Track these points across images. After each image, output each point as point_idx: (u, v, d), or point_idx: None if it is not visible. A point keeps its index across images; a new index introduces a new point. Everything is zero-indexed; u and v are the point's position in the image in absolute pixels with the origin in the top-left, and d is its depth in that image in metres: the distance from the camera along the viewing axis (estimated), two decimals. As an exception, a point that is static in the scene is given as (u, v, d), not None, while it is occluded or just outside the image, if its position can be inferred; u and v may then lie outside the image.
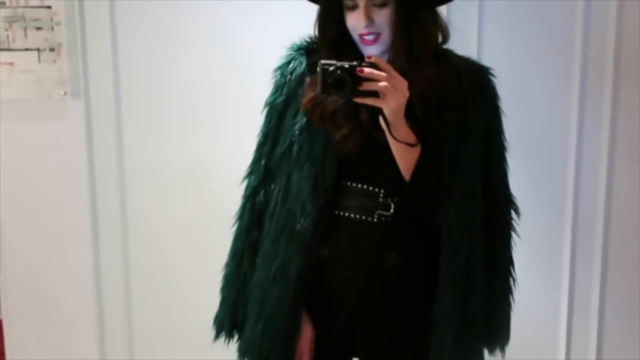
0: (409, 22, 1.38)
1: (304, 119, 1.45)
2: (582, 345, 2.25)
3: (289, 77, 1.50)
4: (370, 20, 1.38)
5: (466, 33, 2.06)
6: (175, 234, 2.27)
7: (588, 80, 2.11)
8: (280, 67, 1.53)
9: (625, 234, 2.18)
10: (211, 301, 1.63)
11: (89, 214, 2.26)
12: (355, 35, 1.42)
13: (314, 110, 1.43)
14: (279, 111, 1.51)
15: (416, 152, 1.38)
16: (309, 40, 1.53)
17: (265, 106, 1.54)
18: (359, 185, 1.44)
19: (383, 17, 1.38)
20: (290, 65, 1.51)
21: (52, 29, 2.15)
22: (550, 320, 2.24)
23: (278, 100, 1.51)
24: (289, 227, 1.44)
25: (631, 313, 2.22)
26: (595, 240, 2.19)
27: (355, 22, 1.40)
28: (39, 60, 2.16)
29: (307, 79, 1.47)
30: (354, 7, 1.39)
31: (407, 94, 1.33)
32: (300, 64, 1.50)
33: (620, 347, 2.24)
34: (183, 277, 2.29)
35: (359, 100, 1.32)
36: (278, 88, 1.52)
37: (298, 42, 1.54)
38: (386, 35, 1.40)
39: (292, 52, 1.53)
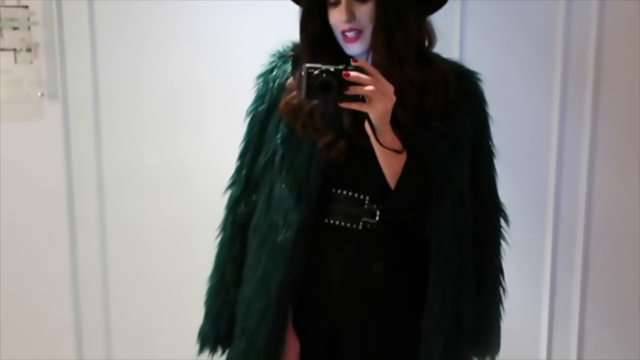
0: (388, 18, 1.36)
1: (287, 128, 1.43)
2: (563, 349, 2.26)
3: (271, 84, 1.48)
4: (351, 14, 1.36)
5: (448, 36, 2.06)
6: (155, 238, 2.25)
7: (569, 83, 2.12)
8: (262, 75, 1.51)
9: (605, 238, 2.20)
10: (192, 307, 1.61)
11: (67, 217, 2.23)
12: (337, 33, 1.40)
13: (295, 117, 1.41)
14: (261, 120, 1.49)
15: (402, 159, 1.37)
16: (291, 46, 1.51)
17: (247, 114, 1.52)
18: (345, 192, 1.43)
19: (365, 12, 1.36)
20: (273, 73, 1.49)
21: (29, 29, 2.12)
22: (532, 324, 2.24)
23: (260, 109, 1.49)
24: (270, 239, 1.42)
25: (612, 317, 2.23)
26: (576, 244, 2.20)
27: (337, 17, 1.38)
28: (16, 61, 2.12)
29: (288, 83, 1.45)
30: (337, 3, 1.38)
31: (393, 98, 1.31)
32: (283, 72, 1.48)
33: (601, 351, 2.25)
34: (163, 282, 2.27)
35: (344, 105, 1.30)
36: (260, 96, 1.50)
37: (281, 49, 1.52)
38: (368, 33, 1.38)
39: (275, 60, 1.51)
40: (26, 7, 2.10)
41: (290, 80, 1.46)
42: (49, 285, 2.26)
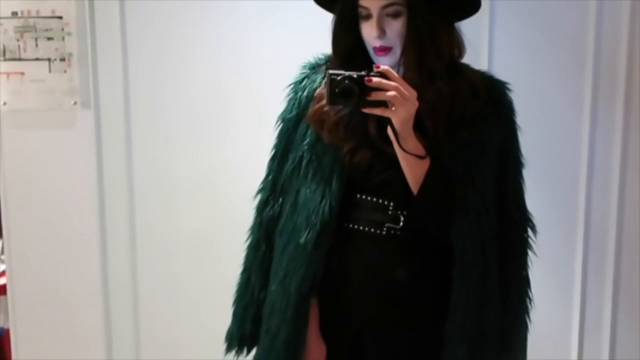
0: (420, 34, 1.37)
1: (314, 135, 1.45)
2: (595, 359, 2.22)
3: (300, 93, 1.51)
4: (382, 31, 1.37)
5: (477, 45, 2.05)
6: (183, 244, 2.27)
7: (600, 91, 2.10)
8: (293, 84, 1.54)
9: (637, 248, 2.15)
10: (219, 312, 1.62)
11: (98, 223, 2.26)
12: (369, 46, 1.41)
13: (321, 124, 1.43)
14: (290, 127, 1.52)
15: (425, 165, 1.37)
16: (322, 57, 1.53)
17: (277, 122, 1.55)
18: (369, 198, 1.43)
19: (395, 28, 1.37)
20: (303, 83, 1.51)
21: (63, 39, 2.16)
22: (562, 336, 2.21)
23: (289, 117, 1.52)
24: (293, 241, 1.44)
25: (644, 329, 2.19)
26: (607, 255, 2.16)
27: (368, 32, 1.39)
28: (50, 70, 2.16)
29: (316, 93, 1.47)
30: (368, 17, 1.39)
31: (416, 104, 1.31)
32: (313, 82, 1.50)
33: (633, 361, 2.21)
34: (191, 288, 2.28)
35: (367, 110, 1.31)
36: (289, 104, 1.53)
37: (312, 61, 1.55)
38: (398, 49, 1.39)
39: (306, 71, 1.54)
40: (60, 17, 2.15)
41: (318, 89, 1.47)
42: (80, 290, 2.29)
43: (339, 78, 1.28)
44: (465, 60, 1.49)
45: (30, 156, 2.24)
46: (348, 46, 1.43)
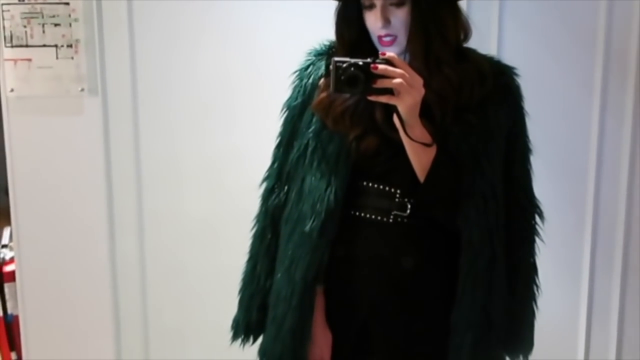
0: (425, 22, 1.35)
1: (319, 122, 1.44)
2: (602, 348, 2.21)
3: (305, 81, 1.50)
4: (386, 21, 1.35)
5: (486, 31, 2.04)
6: (191, 231, 2.27)
7: (610, 77, 2.08)
8: (298, 71, 1.53)
9: (646, 237, 2.15)
10: (226, 300, 1.63)
11: (106, 210, 2.26)
12: (374, 36, 1.40)
13: (326, 112, 1.42)
14: (295, 115, 1.51)
15: (431, 152, 1.36)
16: (327, 44, 1.52)
17: (282, 110, 1.55)
18: (375, 185, 1.43)
19: (400, 17, 1.35)
20: (308, 70, 1.50)
21: (70, 25, 2.15)
22: (570, 323, 2.20)
23: (294, 104, 1.52)
24: (299, 229, 1.44)
25: (652, 317, 2.19)
26: (616, 242, 2.15)
27: (373, 22, 1.38)
28: (57, 57, 2.16)
29: (321, 82, 1.46)
30: (371, 6, 1.37)
31: (422, 91, 1.30)
32: (318, 69, 1.49)
33: (640, 351, 2.21)
34: (200, 274, 2.29)
35: (372, 98, 1.29)
36: (295, 92, 1.52)
37: (318, 48, 1.53)
38: (403, 38, 1.37)
39: (312, 57, 1.52)
40: (67, 4, 2.14)
41: (322, 79, 1.46)
42: (88, 277, 2.30)
43: (344, 65, 1.27)
44: (474, 45, 1.48)
45: (37, 143, 2.24)
46: (352, 37, 1.42)
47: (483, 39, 1.97)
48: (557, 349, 2.20)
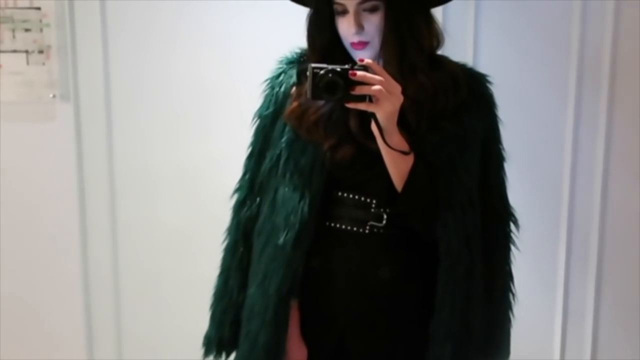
0: (399, 28, 1.35)
1: (292, 132, 1.42)
2: (577, 353, 2.22)
3: (277, 89, 1.48)
4: (360, 27, 1.34)
5: (462, 39, 2.04)
6: (165, 240, 2.25)
7: (584, 85, 2.09)
8: (270, 79, 1.51)
9: (620, 243, 2.16)
10: (203, 308, 1.60)
11: (78, 219, 2.23)
12: (346, 42, 1.39)
13: (299, 121, 1.40)
14: (267, 124, 1.49)
15: (409, 160, 1.34)
16: (299, 52, 1.50)
17: (254, 119, 1.52)
18: (351, 196, 1.41)
19: (374, 23, 1.34)
20: (280, 78, 1.48)
21: (42, 30, 2.12)
22: (545, 329, 2.21)
23: (265, 113, 1.49)
24: (272, 242, 1.41)
25: (626, 323, 2.20)
26: (590, 249, 2.17)
27: (346, 28, 1.36)
28: (28, 62, 2.13)
29: (293, 90, 1.44)
30: (344, 12, 1.36)
31: (401, 98, 1.29)
32: (290, 78, 1.47)
33: (615, 356, 2.21)
34: (173, 283, 2.27)
35: (351, 105, 1.28)
36: (266, 101, 1.50)
37: (289, 55, 1.51)
38: (376, 43, 1.36)
39: (283, 65, 1.50)
40: (38, 8, 2.11)
41: (294, 88, 1.45)
42: (60, 286, 2.27)
43: (321, 72, 1.25)
44: (451, 52, 1.48)
45: (8, 150, 2.21)
46: (324, 43, 1.41)
47: (459, 47, 1.99)
48: (533, 355, 2.21)
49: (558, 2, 2.06)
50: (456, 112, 1.39)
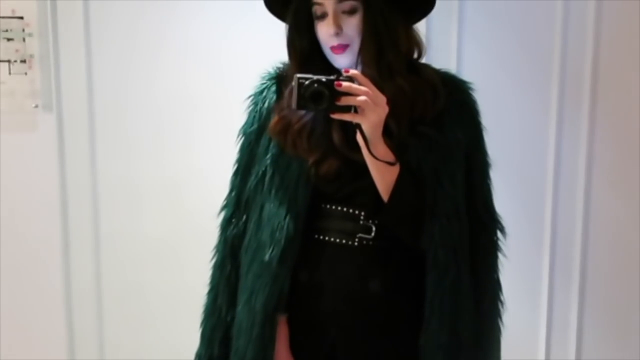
0: (378, 29, 1.35)
1: (277, 148, 1.42)
2: (562, 357, 2.23)
3: (260, 105, 1.48)
4: (339, 27, 1.34)
5: (445, 49, 2.05)
6: (149, 252, 2.23)
7: (566, 93, 2.11)
8: (253, 96, 1.51)
9: (603, 249, 2.18)
10: (186, 320, 1.60)
11: (60, 230, 2.22)
12: (325, 47, 1.39)
13: (284, 135, 1.40)
14: (252, 140, 1.49)
15: (395, 171, 1.34)
16: (281, 66, 1.50)
17: (239, 135, 1.52)
18: (339, 208, 1.41)
19: (353, 25, 1.35)
20: (263, 94, 1.48)
21: (24, 40, 2.11)
22: (530, 335, 2.22)
23: (250, 130, 1.49)
24: (258, 258, 1.41)
25: (610, 328, 2.21)
26: (574, 256, 2.18)
27: (325, 32, 1.37)
28: (10, 72, 2.12)
29: (276, 105, 1.44)
30: (323, 16, 1.36)
31: (386, 109, 1.29)
32: (273, 93, 1.47)
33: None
34: (156, 295, 2.25)
35: (336, 116, 1.28)
36: (250, 117, 1.50)
37: (271, 71, 1.51)
38: (356, 46, 1.36)
39: (266, 81, 1.50)
40: (21, 18, 2.10)
41: (276, 103, 1.45)
42: (42, 297, 2.25)
43: (307, 82, 1.25)
44: (434, 60, 1.48)
45: (-11, 160, 2.18)
46: (304, 49, 1.41)
47: (442, 57, 2.00)
48: (518, 361, 2.22)
49: (540, 11, 2.08)
50: (438, 121, 1.39)
